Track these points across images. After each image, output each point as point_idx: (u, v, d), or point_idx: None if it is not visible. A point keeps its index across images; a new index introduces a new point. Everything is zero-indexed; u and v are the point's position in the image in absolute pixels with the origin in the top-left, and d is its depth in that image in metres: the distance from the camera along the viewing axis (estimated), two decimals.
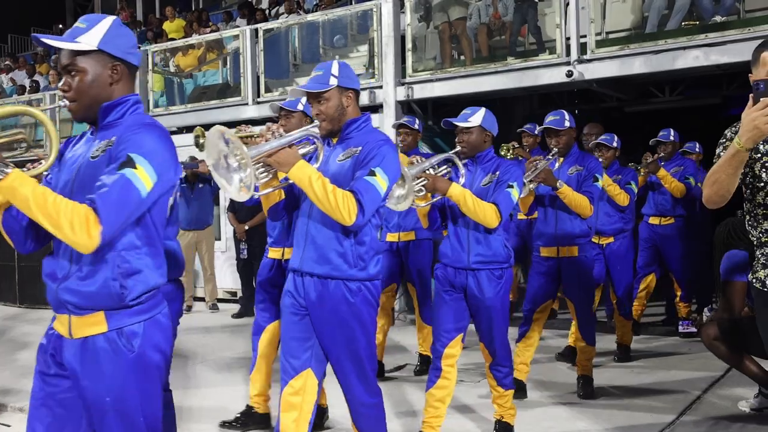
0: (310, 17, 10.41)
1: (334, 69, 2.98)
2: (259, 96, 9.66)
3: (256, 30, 9.92)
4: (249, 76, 9.68)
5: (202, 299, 9.14)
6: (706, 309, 4.99)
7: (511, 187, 3.58)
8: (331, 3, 11.10)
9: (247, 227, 7.88)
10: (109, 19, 2.25)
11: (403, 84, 8.39)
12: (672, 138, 6.33)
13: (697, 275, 6.55)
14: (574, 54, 7.31)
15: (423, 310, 5.38)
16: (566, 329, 6.04)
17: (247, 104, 9.67)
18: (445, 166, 3.72)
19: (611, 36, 7.46)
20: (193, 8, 16.74)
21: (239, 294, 8.96)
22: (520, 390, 4.54)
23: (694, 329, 6.28)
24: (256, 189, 2.82)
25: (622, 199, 5.63)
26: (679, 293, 6.53)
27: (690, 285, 6.47)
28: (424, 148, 8.06)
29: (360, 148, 2.89)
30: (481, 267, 3.62)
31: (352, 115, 3.00)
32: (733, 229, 4.34)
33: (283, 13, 11.58)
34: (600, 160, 5.83)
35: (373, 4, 8.95)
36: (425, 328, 5.36)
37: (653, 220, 6.45)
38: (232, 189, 2.63)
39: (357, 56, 9.60)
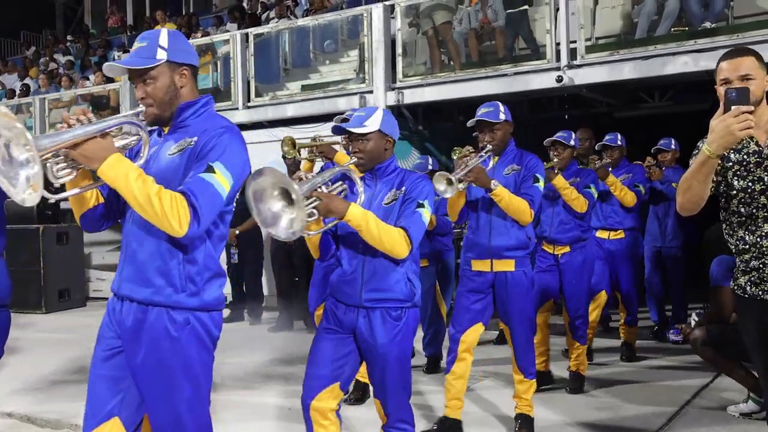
0: (300, 22, 10.42)
1: (163, 39, 2.36)
2: (249, 101, 9.65)
3: (247, 34, 9.91)
4: (239, 80, 9.67)
5: None
6: (693, 314, 4.96)
7: (422, 206, 2.93)
8: (322, 8, 11.10)
9: (237, 232, 7.85)
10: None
11: (393, 89, 8.40)
12: (619, 143, 5.83)
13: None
14: (564, 59, 7.33)
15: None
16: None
17: (237, 109, 9.64)
18: (339, 182, 3.02)
19: (601, 41, 7.49)
20: (184, 12, 16.70)
21: (229, 299, 8.92)
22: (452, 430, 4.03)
23: (680, 338, 6.26)
24: (56, 191, 2.28)
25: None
26: (623, 315, 6.01)
27: (637, 306, 6.00)
28: (415, 154, 8.07)
29: (195, 138, 2.31)
30: (376, 305, 2.93)
31: (187, 98, 2.41)
32: (722, 234, 4.35)
33: (273, 18, 11.57)
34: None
35: (363, 9, 8.97)
36: None
37: (601, 234, 5.86)
38: (18, 191, 2.04)
39: (347, 61, 9.61)
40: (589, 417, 4.46)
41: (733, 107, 2.21)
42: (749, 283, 2.52)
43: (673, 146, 6.39)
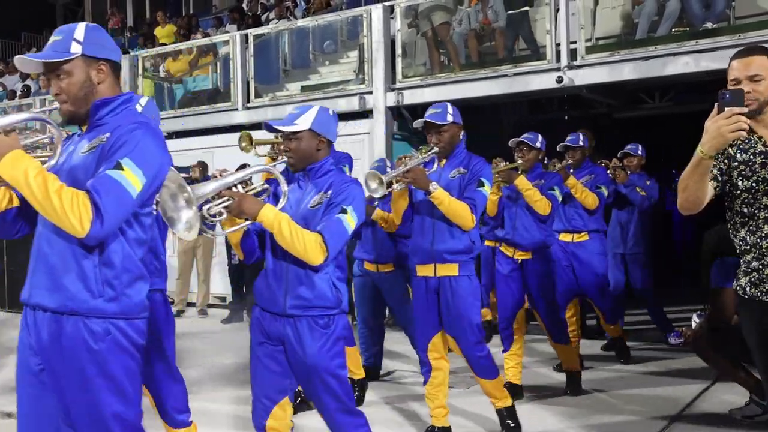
0: (300, 23, 10.41)
1: (78, 33, 2.21)
2: (248, 101, 9.63)
3: (246, 35, 9.90)
4: (239, 81, 9.65)
5: (193, 304, 9.10)
6: (695, 315, 4.92)
7: (344, 212, 2.76)
8: (322, 8, 11.09)
9: None
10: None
11: (393, 89, 8.38)
12: (581, 143, 5.55)
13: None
14: (564, 60, 7.31)
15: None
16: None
17: (236, 109, 9.63)
18: (261, 182, 2.92)
19: (601, 42, 7.47)
20: (184, 13, 16.70)
21: (228, 299, 8.91)
22: None
23: (681, 340, 6.25)
24: None
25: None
26: (601, 317, 5.84)
27: (610, 306, 5.78)
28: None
29: (108, 134, 2.16)
30: (301, 314, 2.79)
31: (105, 95, 2.26)
32: (722, 236, 4.32)
33: (273, 19, 11.56)
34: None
35: (363, 10, 8.96)
36: None
37: (564, 237, 5.61)
38: None
39: (347, 62, 9.59)
40: (589, 420, 4.43)
41: (726, 109, 2.20)
42: (749, 284, 2.50)
43: (639, 152, 6.32)
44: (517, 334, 4.85)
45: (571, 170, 5.47)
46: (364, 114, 8.57)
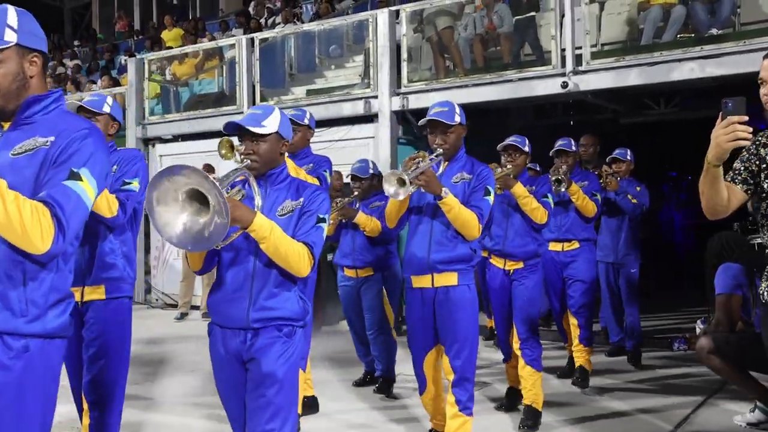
0: (306, 27, 10.44)
1: (11, 18, 2.01)
2: (254, 105, 9.65)
3: (252, 39, 9.93)
4: (245, 84, 9.68)
5: (197, 307, 9.12)
6: (699, 321, 4.87)
7: (323, 221, 2.67)
8: (328, 13, 11.12)
9: None
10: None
11: (398, 94, 8.40)
12: (574, 148, 5.28)
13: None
14: (569, 65, 7.31)
15: None
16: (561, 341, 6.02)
17: (242, 113, 9.63)
18: (238, 187, 2.70)
19: (606, 48, 7.48)
20: (190, 17, 16.77)
21: None
22: None
23: (685, 347, 6.21)
24: None
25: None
26: (577, 333, 5.28)
27: (587, 328, 5.29)
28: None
29: (51, 138, 1.97)
30: (265, 324, 2.62)
31: (37, 90, 2.08)
32: (726, 242, 4.32)
33: (279, 23, 11.60)
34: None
35: (368, 15, 8.98)
36: None
37: (555, 246, 5.31)
38: None
39: (352, 66, 9.62)
40: (594, 426, 4.42)
41: (728, 117, 2.19)
42: (767, 290, 2.50)
43: (628, 157, 6.05)
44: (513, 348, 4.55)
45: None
46: (369, 118, 8.58)
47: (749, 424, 4.28)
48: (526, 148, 4.53)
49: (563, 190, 4.95)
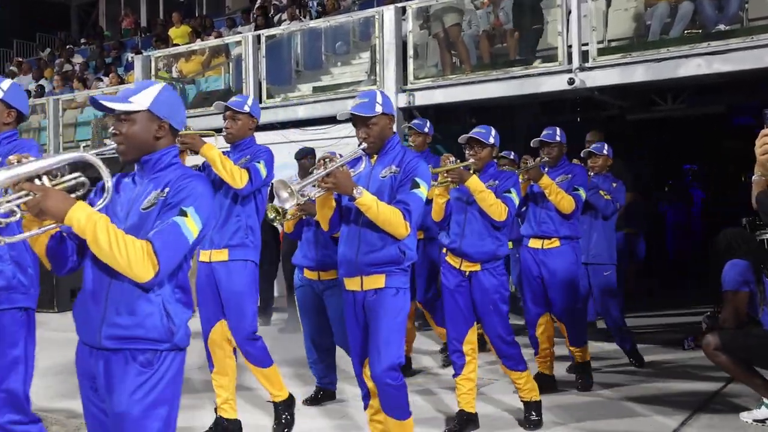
0: (312, 24, 10.45)
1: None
2: (261, 102, 9.64)
3: (259, 36, 9.94)
4: (251, 82, 9.68)
5: None
6: (704, 317, 4.83)
7: (184, 214, 2.19)
8: (334, 10, 11.13)
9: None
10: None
11: (404, 91, 8.40)
12: (558, 138, 4.94)
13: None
14: (575, 62, 7.29)
15: None
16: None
17: None
18: (77, 174, 2.22)
19: (613, 44, 7.46)
20: (197, 14, 16.80)
21: None
22: None
23: (693, 344, 6.15)
24: None
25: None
26: (566, 337, 5.10)
27: (577, 326, 5.09)
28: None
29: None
30: (119, 346, 2.19)
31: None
32: (733, 238, 4.31)
33: (285, 20, 11.61)
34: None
35: (375, 11, 8.98)
36: None
37: (534, 243, 4.96)
38: None
39: (359, 63, 9.62)
40: (599, 422, 4.43)
41: (763, 130, 2.16)
42: None
43: (605, 151, 5.68)
44: (470, 355, 4.17)
45: (546, 169, 4.93)
46: None
47: (756, 421, 4.27)
48: (491, 140, 4.17)
49: (533, 183, 4.76)
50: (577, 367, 5.23)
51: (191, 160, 4.11)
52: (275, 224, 4.33)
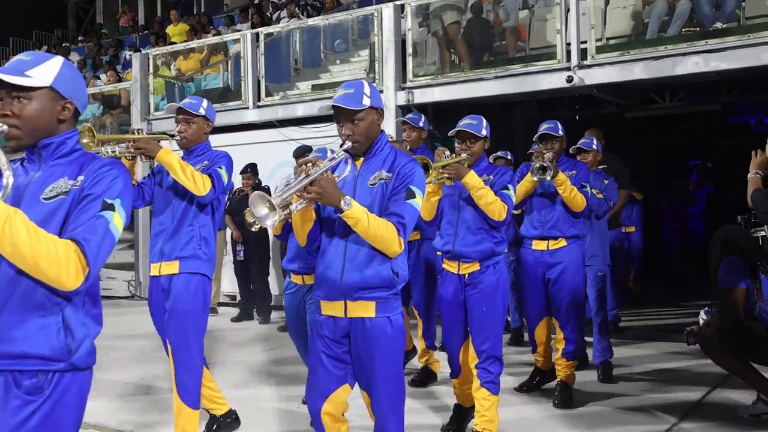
0: (311, 21, 10.45)
1: None
2: (259, 100, 9.67)
3: (257, 34, 9.95)
4: (250, 80, 9.69)
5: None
6: (702, 312, 4.79)
7: (111, 208, 1.93)
8: (333, 7, 11.14)
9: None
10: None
11: (403, 88, 8.42)
12: (561, 133, 4.61)
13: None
14: (574, 59, 7.33)
15: None
16: None
17: (247, 108, 9.67)
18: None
19: (611, 42, 7.49)
20: (195, 12, 16.80)
21: (238, 298, 8.97)
22: None
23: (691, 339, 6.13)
24: None
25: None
26: (561, 346, 4.72)
27: (576, 337, 4.74)
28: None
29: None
30: (6, 366, 1.90)
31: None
32: (730, 235, 4.33)
33: (284, 18, 11.62)
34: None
35: (373, 9, 8.99)
36: None
37: (538, 245, 4.66)
38: None
39: (358, 61, 9.63)
40: (596, 417, 4.45)
41: None
42: None
43: (594, 146, 5.40)
44: (469, 365, 3.93)
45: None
46: None
47: (752, 416, 4.30)
48: (484, 132, 3.84)
49: (548, 179, 4.41)
50: (560, 383, 4.77)
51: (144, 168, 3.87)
52: (253, 229, 4.07)
